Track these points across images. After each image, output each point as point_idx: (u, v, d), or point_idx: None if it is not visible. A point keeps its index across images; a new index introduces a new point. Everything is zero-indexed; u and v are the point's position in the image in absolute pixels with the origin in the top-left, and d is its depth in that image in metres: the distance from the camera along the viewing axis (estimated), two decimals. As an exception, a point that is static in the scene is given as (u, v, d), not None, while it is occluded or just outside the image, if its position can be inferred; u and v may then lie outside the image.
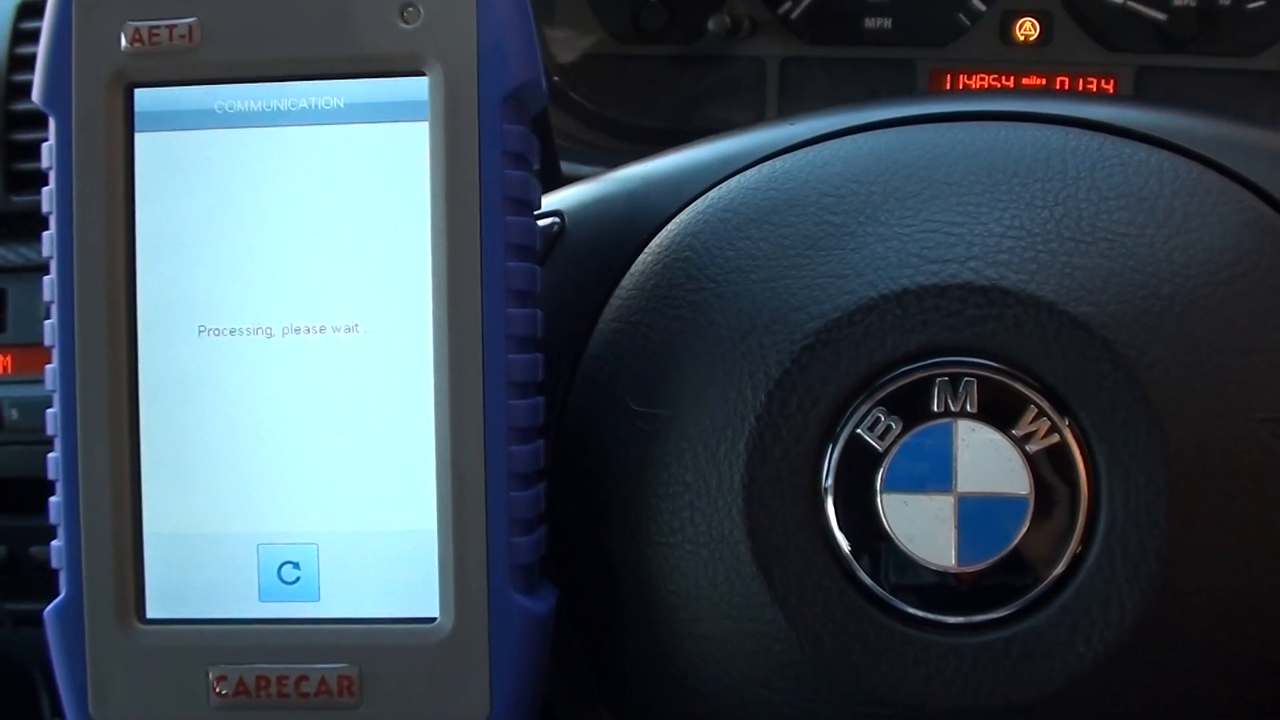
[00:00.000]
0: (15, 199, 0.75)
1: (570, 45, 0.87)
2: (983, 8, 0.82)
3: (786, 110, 0.84)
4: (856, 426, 0.43)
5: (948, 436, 0.42)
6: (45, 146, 0.44)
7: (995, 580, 0.42)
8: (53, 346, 0.44)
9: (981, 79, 0.82)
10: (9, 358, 0.74)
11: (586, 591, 0.47)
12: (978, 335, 0.42)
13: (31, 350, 0.73)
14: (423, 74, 0.43)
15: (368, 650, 0.43)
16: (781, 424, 0.43)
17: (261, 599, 0.44)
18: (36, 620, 0.44)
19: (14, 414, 0.73)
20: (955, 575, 0.42)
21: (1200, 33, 0.80)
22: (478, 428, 0.42)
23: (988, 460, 0.42)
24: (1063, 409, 0.42)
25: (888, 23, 0.83)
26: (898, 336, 0.43)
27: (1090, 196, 0.44)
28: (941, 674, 0.42)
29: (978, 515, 0.42)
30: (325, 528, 0.43)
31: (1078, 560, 0.41)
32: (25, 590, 0.75)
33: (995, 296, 0.42)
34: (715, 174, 0.49)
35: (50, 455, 0.44)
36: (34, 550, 0.74)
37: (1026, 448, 0.42)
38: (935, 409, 0.42)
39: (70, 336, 0.43)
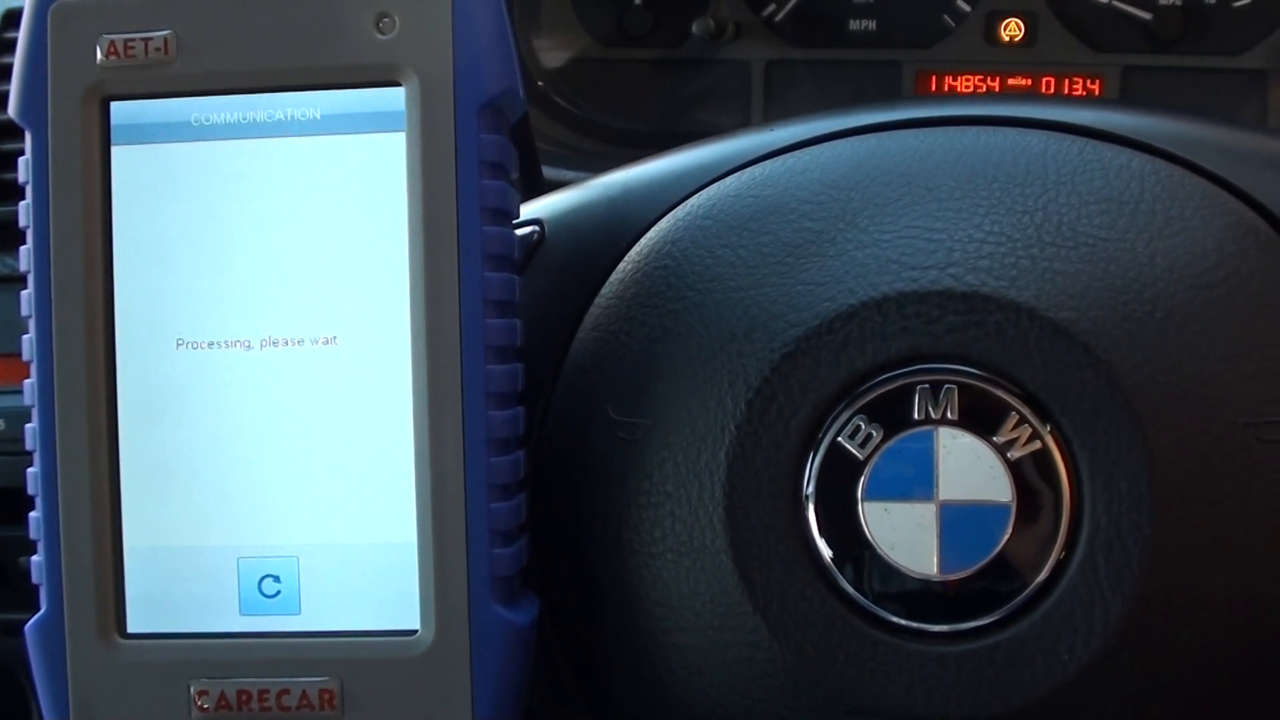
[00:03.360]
0: None
1: (555, 50, 0.86)
2: (967, 8, 0.82)
3: (772, 113, 0.84)
4: (837, 434, 0.42)
5: (929, 444, 0.42)
6: (21, 161, 0.44)
7: (978, 588, 0.42)
8: (31, 361, 0.44)
9: (967, 80, 0.82)
10: (-7, 367, 0.74)
11: (568, 602, 0.47)
12: (958, 342, 0.42)
13: (16, 360, 0.73)
14: (399, 84, 0.43)
15: (349, 663, 0.43)
16: (762, 432, 0.43)
17: (242, 612, 0.44)
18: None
19: (0, 424, 0.73)
20: (938, 583, 0.42)
21: (1186, 32, 0.79)
22: (457, 439, 0.42)
23: (969, 467, 0.42)
24: (1044, 415, 0.42)
25: (872, 24, 0.83)
26: (878, 344, 0.42)
27: (1071, 201, 0.44)
28: (925, 683, 0.42)
29: (960, 523, 0.42)
30: (305, 540, 0.43)
31: (1061, 567, 0.41)
32: (14, 600, 0.74)
33: (976, 303, 0.42)
34: (695, 181, 0.48)
35: (29, 470, 0.44)
36: (23, 560, 0.73)
37: (1008, 454, 0.42)
38: (916, 416, 0.42)
39: (48, 351, 0.43)
